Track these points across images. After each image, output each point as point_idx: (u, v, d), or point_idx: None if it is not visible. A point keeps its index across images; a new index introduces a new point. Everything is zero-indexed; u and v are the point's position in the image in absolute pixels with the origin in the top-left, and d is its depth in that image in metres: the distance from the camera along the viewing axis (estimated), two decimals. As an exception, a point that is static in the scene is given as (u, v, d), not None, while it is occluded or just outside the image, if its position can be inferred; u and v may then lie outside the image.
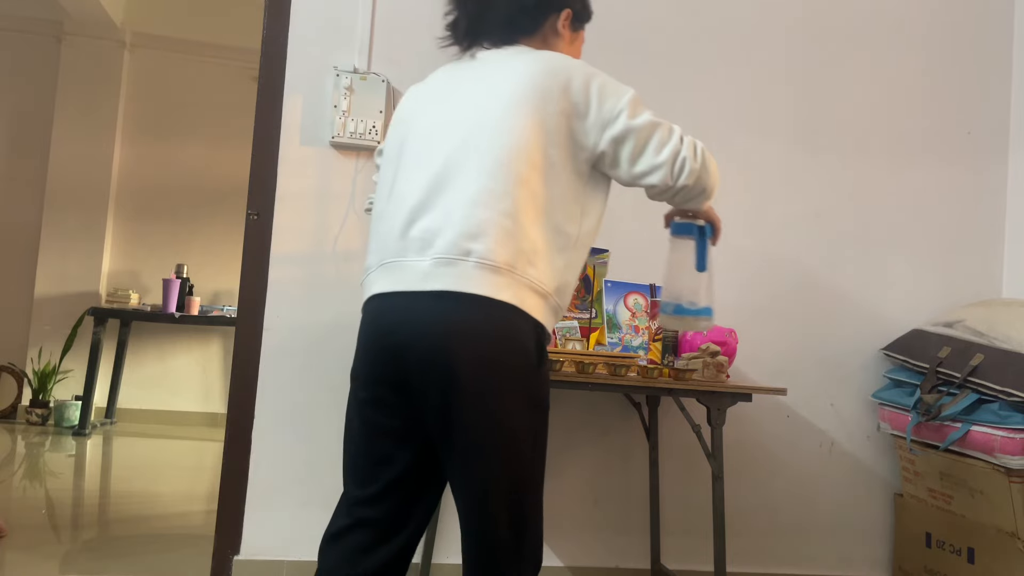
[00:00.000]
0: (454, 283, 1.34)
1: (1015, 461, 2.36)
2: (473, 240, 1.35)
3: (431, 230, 1.38)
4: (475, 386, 1.32)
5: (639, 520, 2.77)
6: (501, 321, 1.34)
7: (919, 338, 2.81)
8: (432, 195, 1.41)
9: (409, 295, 1.37)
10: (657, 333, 2.63)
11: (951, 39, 3.11)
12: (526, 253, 1.38)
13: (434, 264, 1.36)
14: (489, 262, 1.34)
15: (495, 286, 1.34)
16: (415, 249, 1.39)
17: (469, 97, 1.48)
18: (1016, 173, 3.10)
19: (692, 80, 2.89)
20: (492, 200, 1.37)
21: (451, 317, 1.33)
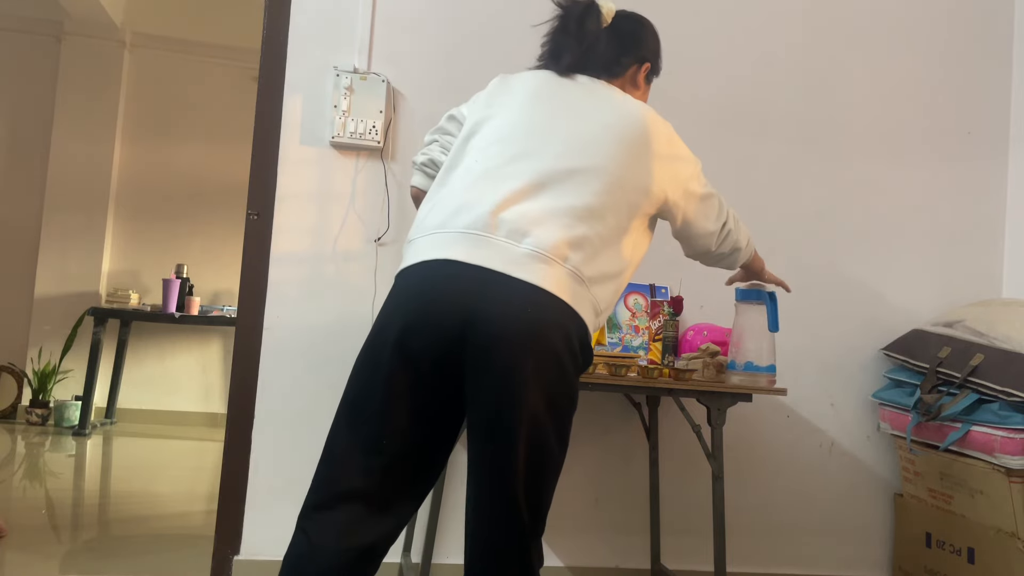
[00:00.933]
0: (547, 281, 1.38)
1: (1015, 461, 2.36)
2: (573, 248, 1.42)
3: (530, 219, 1.42)
4: (541, 382, 1.35)
5: (639, 520, 2.77)
6: (573, 328, 1.40)
7: (919, 338, 2.81)
8: (538, 188, 1.46)
9: (495, 274, 1.37)
10: (657, 333, 2.63)
11: (951, 39, 3.11)
12: (602, 275, 1.47)
13: (531, 255, 1.39)
14: (579, 273, 1.42)
15: (576, 297, 1.41)
16: (506, 231, 1.41)
17: (578, 107, 1.57)
18: (1016, 173, 3.10)
19: (692, 80, 2.89)
20: (594, 219, 1.46)
21: (538, 313, 1.36)
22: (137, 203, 5.98)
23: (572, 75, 1.65)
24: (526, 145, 1.51)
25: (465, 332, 1.35)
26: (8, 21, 5.87)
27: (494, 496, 1.38)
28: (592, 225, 1.46)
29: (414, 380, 1.40)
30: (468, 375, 1.38)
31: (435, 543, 2.60)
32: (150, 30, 6.02)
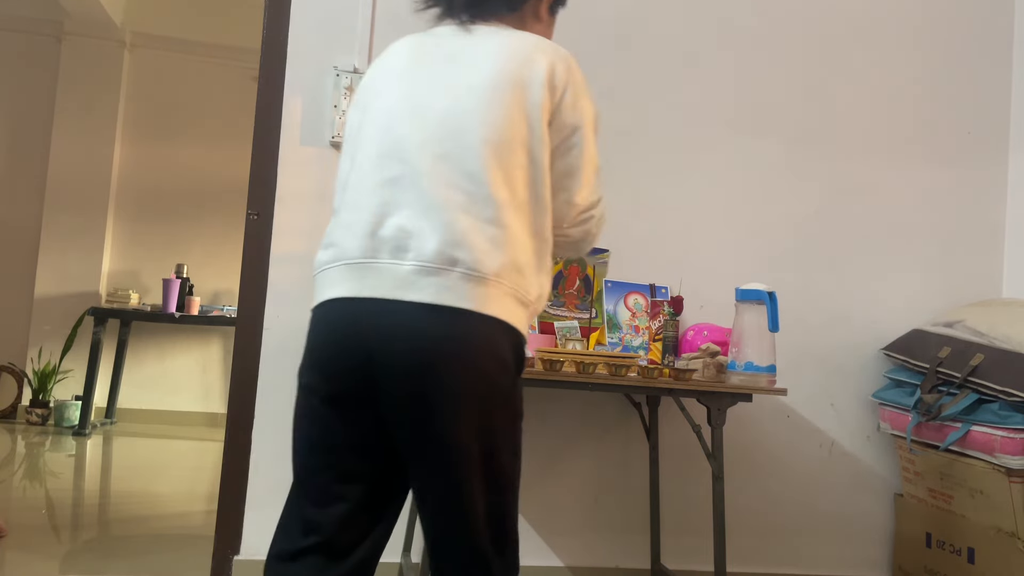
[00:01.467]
0: (440, 295, 1.23)
1: (1015, 461, 2.36)
2: (458, 248, 1.24)
3: (406, 230, 1.26)
4: (462, 404, 1.23)
5: (639, 520, 2.77)
6: (488, 337, 1.26)
7: (919, 338, 2.81)
8: (404, 190, 1.29)
9: (386, 303, 1.24)
10: (657, 333, 2.63)
11: (951, 39, 3.11)
12: (514, 262, 1.29)
13: (416, 271, 1.24)
14: (477, 273, 1.25)
15: (482, 299, 1.25)
16: (389, 250, 1.27)
17: (442, 78, 1.35)
18: (1016, 173, 3.10)
19: (692, 80, 2.89)
20: (475, 205, 1.27)
21: (437, 332, 1.23)
22: (137, 203, 5.98)
23: (445, 27, 1.45)
24: (394, 141, 1.33)
25: (374, 374, 1.25)
26: (8, 21, 5.87)
27: (450, 543, 1.28)
28: (476, 211, 1.27)
29: (346, 421, 1.30)
30: (389, 417, 1.28)
31: (435, 543, 2.60)
32: (150, 30, 6.02)
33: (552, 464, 2.73)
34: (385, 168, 1.32)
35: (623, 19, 2.85)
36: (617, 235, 2.79)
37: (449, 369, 1.23)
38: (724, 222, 2.88)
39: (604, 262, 2.77)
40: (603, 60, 2.83)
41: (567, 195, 1.43)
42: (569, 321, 2.68)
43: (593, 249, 2.75)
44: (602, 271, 2.76)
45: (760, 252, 2.89)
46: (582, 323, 2.68)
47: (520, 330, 1.32)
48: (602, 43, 2.83)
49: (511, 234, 1.29)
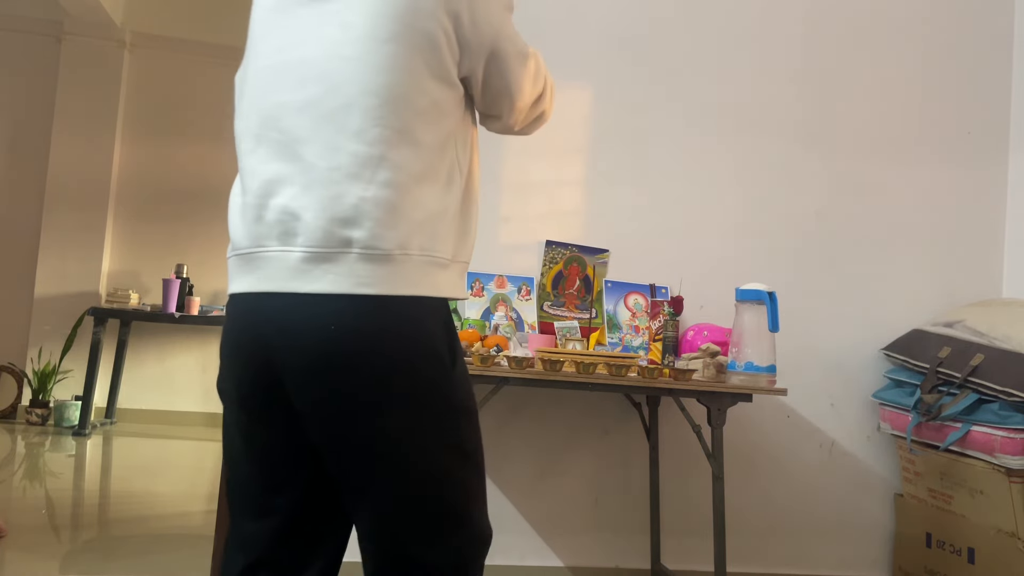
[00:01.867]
0: (337, 283, 1.07)
1: (1015, 461, 2.36)
2: (350, 226, 1.08)
3: (290, 211, 1.10)
4: (380, 409, 1.09)
5: (639, 520, 2.77)
6: (401, 323, 1.09)
7: (919, 338, 2.81)
8: (286, 163, 1.12)
9: (282, 297, 1.10)
10: (657, 333, 2.63)
11: (951, 39, 3.11)
12: (419, 224, 1.11)
13: (306, 258, 1.09)
14: (376, 251, 1.08)
15: (389, 279, 1.09)
16: (276, 235, 1.11)
17: (312, 21, 1.15)
18: (1016, 173, 3.10)
19: (692, 79, 2.89)
20: (366, 169, 1.09)
21: (341, 325, 1.07)
22: (137, 203, 5.98)
23: None
24: (271, 108, 1.15)
25: (280, 377, 1.12)
26: (8, 21, 5.87)
27: (390, 557, 1.14)
28: (368, 176, 1.09)
29: (267, 426, 1.17)
30: (303, 422, 1.14)
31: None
32: (150, 30, 6.02)
33: (552, 464, 2.73)
34: (264, 141, 1.15)
35: (624, 19, 2.85)
36: (617, 235, 2.79)
37: (358, 367, 1.07)
38: (724, 222, 2.88)
39: (604, 262, 2.77)
40: (603, 60, 2.82)
41: (502, 120, 1.31)
42: (569, 321, 2.68)
43: (593, 249, 2.75)
44: (602, 271, 2.76)
45: (760, 252, 2.89)
46: (582, 323, 2.68)
47: (444, 295, 1.15)
48: (603, 44, 2.83)
49: (414, 195, 1.11)
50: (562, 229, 2.76)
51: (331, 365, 1.07)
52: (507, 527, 2.68)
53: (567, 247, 2.72)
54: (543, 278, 2.70)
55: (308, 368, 1.08)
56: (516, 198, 2.75)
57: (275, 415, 1.16)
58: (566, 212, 2.78)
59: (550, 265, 2.70)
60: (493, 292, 2.63)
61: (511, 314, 2.62)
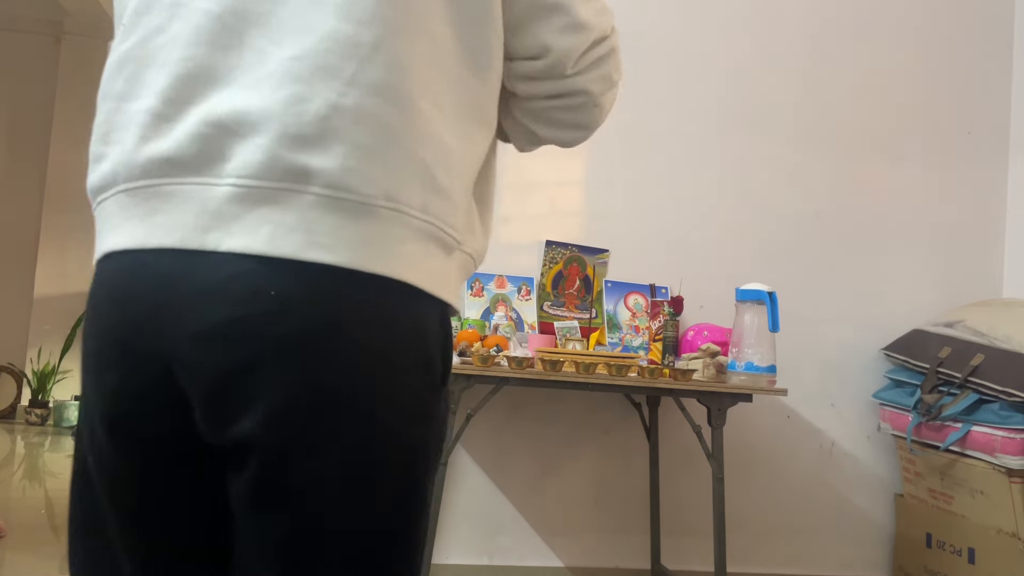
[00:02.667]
0: (280, 239, 0.68)
1: (1015, 461, 2.36)
2: (311, 148, 0.69)
3: (220, 121, 0.70)
4: (330, 440, 0.70)
5: (639, 520, 2.77)
6: (380, 317, 0.71)
7: (919, 338, 2.80)
8: (216, 49, 0.72)
9: (188, 257, 0.69)
10: (657, 333, 2.63)
11: (951, 39, 3.11)
12: (426, 167, 0.73)
13: (237, 196, 0.69)
14: (349, 195, 0.70)
15: (366, 244, 0.70)
16: (192, 159, 0.71)
17: None
18: (1016, 173, 3.10)
19: (693, 79, 2.89)
20: (348, 61, 0.70)
21: (282, 312, 0.68)
22: (137, 203, 5.98)
23: None
24: None
25: (178, 389, 0.71)
26: (8, 21, 5.87)
27: None
28: (357, 71, 0.71)
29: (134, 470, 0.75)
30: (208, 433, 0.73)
31: (435, 543, 2.60)
32: (150, 30, 6.02)
33: (552, 464, 2.73)
34: (183, 13, 0.74)
35: (624, 19, 2.85)
36: (617, 235, 2.79)
37: (301, 382, 0.68)
38: (724, 222, 2.88)
39: (604, 262, 2.77)
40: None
41: (563, 17, 0.81)
42: (569, 321, 2.68)
43: (593, 249, 2.75)
44: (602, 271, 2.76)
45: (760, 252, 2.89)
46: (582, 323, 2.68)
47: (447, 299, 0.77)
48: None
49: (416, 114, 0.73)
50: (562, 229, 2.76)
51: (256, 377, 0.68)
52: (507, 527, 2.68)
53: (567, 247, 2.72)
54: (543, 278, 2.70)
55: (222, 379, 0.68)
56: (516, 198, 2.74)
57: (167, 450, 0.73)
58: (566, 212, 2.78)
59: (550, 265, 2.70)
60: (493, 292, 2.63)
61: (511, 314, 2.62)
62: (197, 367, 0.69)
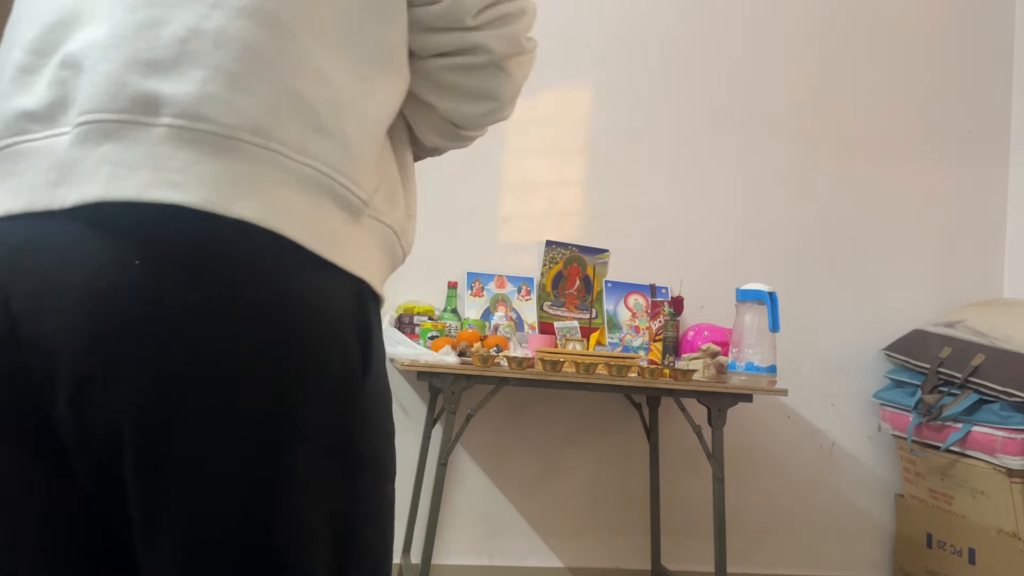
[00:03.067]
0: (118, 181, 0.58)
1: (1016, 461, 2.35)
2: (162, 73, 0.60)
3: (72, 61, 0.62)
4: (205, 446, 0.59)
5: (639, 520, 2.76)
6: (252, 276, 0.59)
7: (920, 338, 2.80)
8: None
9: (36, 220, 0.60)
10: (658, 333, 2.63)
11: (952, 39, 3.11)
12: (305, 101, 0.62)
13: (78, 136, 0.60)
14: (207, 126, 0.59)
15: (228, 184, 0.59)
16: (47, 106, 0.63)
17: None
18: (1016, 173, 3.10)
19: (693, 79, 2.89)
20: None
21: (113, 278, 0.57)
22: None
23: None
24: None
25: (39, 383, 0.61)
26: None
27: None
28: None
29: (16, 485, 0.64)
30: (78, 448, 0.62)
31: (435, 543, 2.59)
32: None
33: (552, 464, 2.72)
34: None
35: (624, 19, 2.85)
36: (617, 235, 2.78)
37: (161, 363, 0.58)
38: (724, 222, 2.87)
39: (604, 262, 2.76)
40: (604, 60, 2.82)
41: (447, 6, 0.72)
42: (569, 321, 2.68)
43: (593, 249, 2.74)
44: (602, 271, 2.76)
45: (760, 252, 2.89)
46: (582, 323, 2.68)
47: (358, 273, 0.65)
48: (603, 43, 2.82)
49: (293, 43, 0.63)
50: (562, 229, 2.76)
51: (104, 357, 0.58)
52: (507, 527, 2.68)
53: (567, 247, 2.72)
54: (543, 278, 2.69)
55: (73, 362, 0.58)
56: (516, 198, 2.74)
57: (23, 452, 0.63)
58: (566, 212, 2.78)
59: (550, 265, 2.70)
60: (493, 292, 2.63)
61: (511, 314, 2.61)
62: (46, 342, 0.59)
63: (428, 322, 2.46)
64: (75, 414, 0.59)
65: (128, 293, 0.57)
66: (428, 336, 2.39)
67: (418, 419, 2.62)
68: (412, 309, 2.52)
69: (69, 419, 0.60)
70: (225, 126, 0.59)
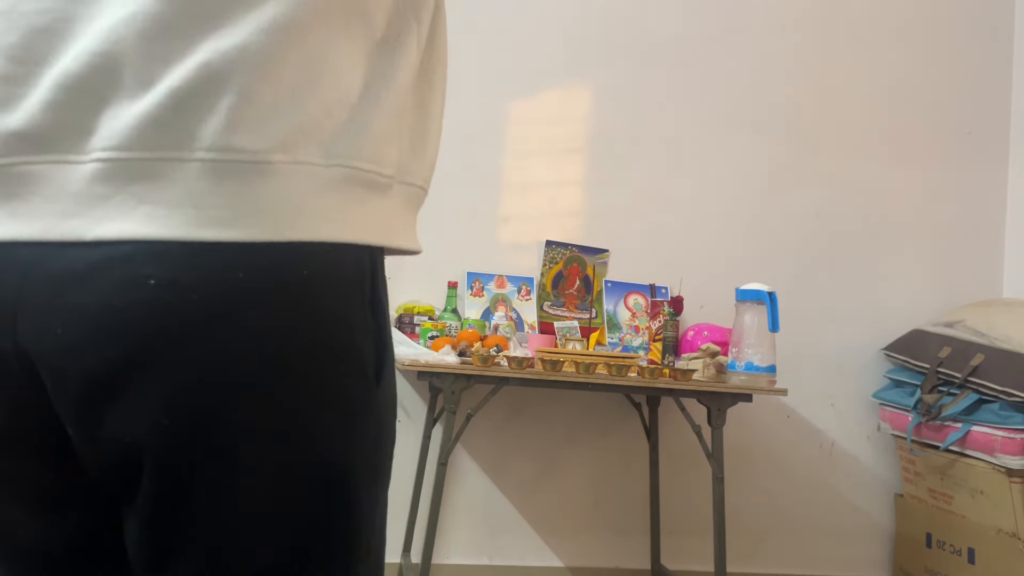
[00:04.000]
0: (159, 220, 0.56)
1: (1015, 461, 2.36)
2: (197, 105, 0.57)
3: (77, 84, 0.58)
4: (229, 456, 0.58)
5: (639, 520, 2.77)
6: (291, 299, 0.59)
7: (919, 338, 2.80)
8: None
9: (44, 250, 0.58)
10: (657, 333, 2.63)
11: (951, 39, 3.11)
12: (331, 108, 0.61)
13: (105, 173, 0.57)
14: (241, 156, 0.57)
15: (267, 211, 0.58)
16: (48, 128, 0.59)
17: None
18: (1016, 173, 3.10)
19: (692, 80, 2.89)
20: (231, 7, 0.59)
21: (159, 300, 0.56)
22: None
23: None
24: None
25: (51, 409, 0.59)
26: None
27: None
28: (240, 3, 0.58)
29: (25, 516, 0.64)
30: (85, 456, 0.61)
31: (435, 543, 2.60)
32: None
33: (552, 464, 2.72)
34: None
35: (624, 20, 2.85)
36: (617, 235, 2.79)
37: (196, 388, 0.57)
38: (724, 222, 2.88)
39: (604, 262, 2.77)
40: (604, 60, 2.82)
41: None
42: (569, 321, 2.68)
43: (593, 249, 2.75)
44: (602, 271, 2.76)
45: (760, 252, 2.89)
46: (582, 323, 2.68)
47: (371, 245, 0.64)
48: (603, 44, 2.82)
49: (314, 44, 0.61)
50: (562, 229, 2.76)
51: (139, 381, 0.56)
52: (507, 527, 2.68)
53: (567, 247, 2.72)
54: (543, 278, 2.69)
55: (92, 389, 0.57)
56: (516, 198, 2.74)
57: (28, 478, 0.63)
58: (566, 212, 2.78)
59: (550, 265, 2.70)
60: (493, 292, 2.63)
61: (511, 314, 2.61)
62: (63, 372, 0.57)
63: (428, 322, 2.46)
64: (86, 434, 0.58)
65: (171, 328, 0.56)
66: (428, 336, 2.39)
67: (418, 419, 2.62)
68: (412, 309, 2.52)
69: (81, 439, 0.59)
70: (256, 152, 0.58)
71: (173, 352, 0.56)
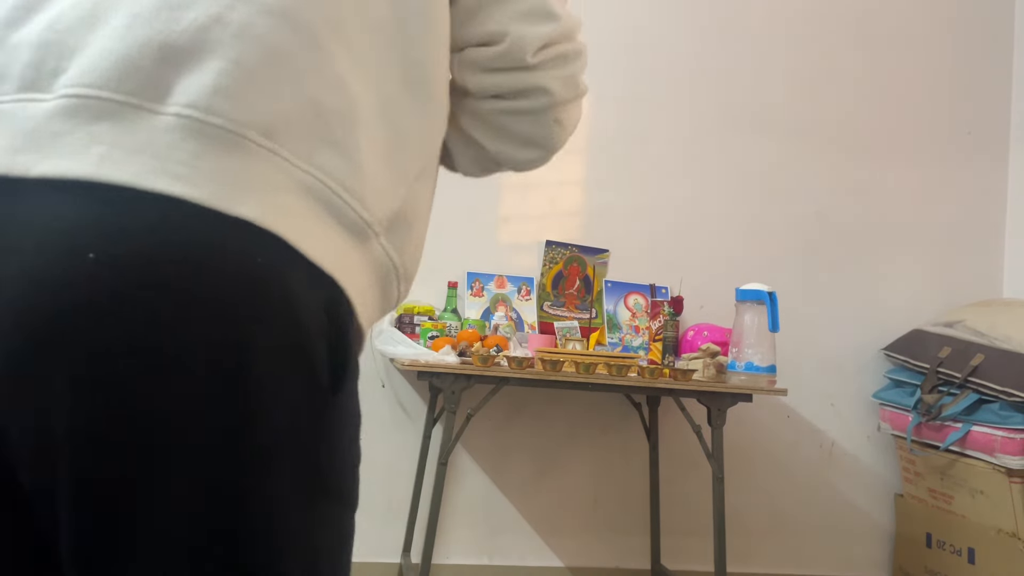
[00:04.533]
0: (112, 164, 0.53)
1: (1015, 461, 2.36)
2: (182, 61, 0.56)
3: (59, 29, 0.58)
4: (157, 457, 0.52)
5: (639, 520, 2.77)
6: (243, 274, 0.54)
7: (919, 338, 2.81)
8: None
9: None
10: (657, 333, 2.63)
11: (952, 38, 3.11)
12: (319, 109, 0.60)
13: (65, 108, 0.55)
14: (217, 120, 0.56)
15: (231, 181, 0.55)
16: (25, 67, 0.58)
17: None
18: (1016, 173, 3.10)
19: (692, 79, 2.89)
20: None
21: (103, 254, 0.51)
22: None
23: None
24: None
25: None
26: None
27: None
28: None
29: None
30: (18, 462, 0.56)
31: (435, 543, 2.60)
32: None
33: (552, 464, 2.72)
34: None
35: (624, 20, 2.85)
36: (617, 235, 2.79)
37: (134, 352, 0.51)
38: (724, 222, 2.88)
39: (604, 262, 2.77)
40: (604, 61, 2.82)
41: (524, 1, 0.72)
42: (569, 321, 2.68)
43: (593, 249, 2.75)
44: (602, 271, 2.76)
45: (760, 252, 2.89)
46: (582, 323, 2.68)
47: (346, 288, 0.60)
48: (603, 44, 2.82)
49: (318, 50, 0.60)
50: (562, 229, 2.76)
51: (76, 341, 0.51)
52: (507, 527, 2.68)
53: (567, 247, 2.72)
54: (543, 278, 2.69)
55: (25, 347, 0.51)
56: (516, 198, 2.74)
57: None
58: (566, 212, 2.78)
59: (550, 265, 2.70)
60: (493, 292, 2.63)
61: (511, 314, 2.61)
62: None
63: (428, 322, 2.46)
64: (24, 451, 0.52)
65: (74, 291, 0.50)
66: (428, 336, 2.39)
67: (418, 419, 2.62)
68: (412, 309, 2.52)
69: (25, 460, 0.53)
70: (235, 123, 0.56)
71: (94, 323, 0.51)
